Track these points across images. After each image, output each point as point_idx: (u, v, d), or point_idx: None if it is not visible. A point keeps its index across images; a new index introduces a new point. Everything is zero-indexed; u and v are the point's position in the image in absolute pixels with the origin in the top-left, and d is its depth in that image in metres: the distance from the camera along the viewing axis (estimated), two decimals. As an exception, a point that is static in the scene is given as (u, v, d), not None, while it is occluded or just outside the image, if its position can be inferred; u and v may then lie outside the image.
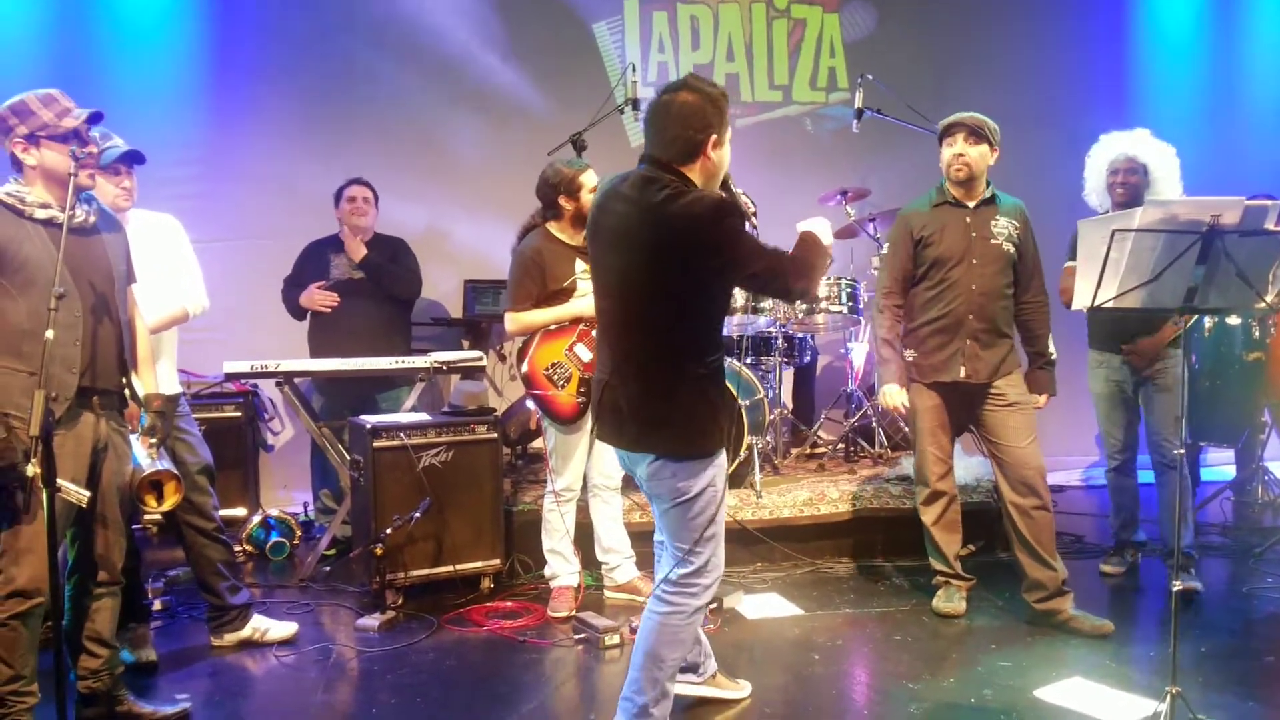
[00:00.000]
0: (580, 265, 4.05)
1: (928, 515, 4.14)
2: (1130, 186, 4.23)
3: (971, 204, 3.98)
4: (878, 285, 4.16)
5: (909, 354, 4.06)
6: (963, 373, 3.95)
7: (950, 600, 4.11)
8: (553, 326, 4.09)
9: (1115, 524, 4.64)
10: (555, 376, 4.05)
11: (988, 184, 4.00)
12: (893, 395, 4.03)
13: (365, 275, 5.09)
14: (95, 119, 2.91)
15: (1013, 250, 3.96)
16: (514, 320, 4.11)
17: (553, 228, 4.15)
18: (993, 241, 3.94)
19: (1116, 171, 4.26)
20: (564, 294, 4.10)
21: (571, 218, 4.08)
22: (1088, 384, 4.54)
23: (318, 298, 5.07)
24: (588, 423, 3.70)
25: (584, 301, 4.03)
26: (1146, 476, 4.48)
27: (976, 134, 3.87)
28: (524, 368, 4.12)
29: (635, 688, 2.80)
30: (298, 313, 5.20)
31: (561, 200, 4.08)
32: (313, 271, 5.16)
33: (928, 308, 3.99)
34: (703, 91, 2.68)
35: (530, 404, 4.39)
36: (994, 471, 4.07)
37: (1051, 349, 4.11)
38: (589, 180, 4.08)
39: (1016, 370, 4.03)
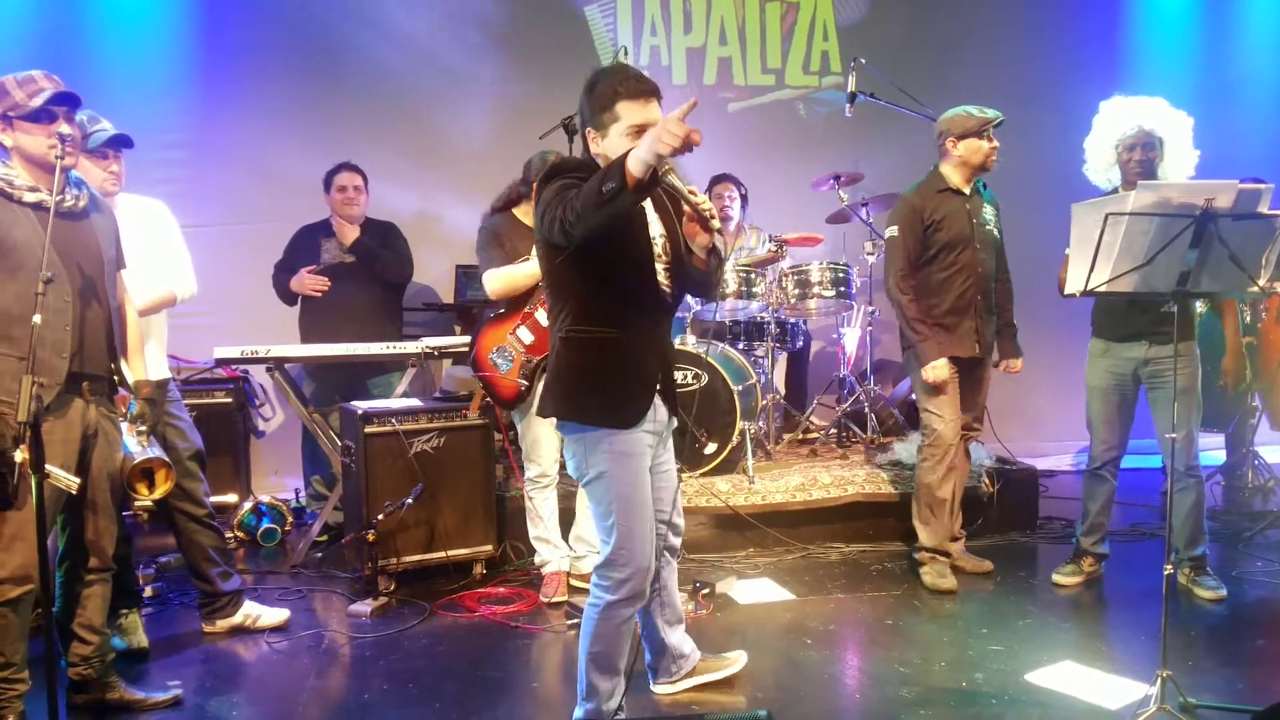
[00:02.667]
0: None
1: (933, 475, 4.18)
2: (1148, 164, 3.94)
3: (967, 191, 4.18)
4: (891, 270, 4.16)
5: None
6: (976, 349, 4.18)
7: (943, 575, 4.16)
8: (501, 311, 4.09)
9: (1081, 530, 4.28)
10: (499, 359, 4.06)
11: None
12: (940, 368, 4.09)
13: (356, 259, 5.06)
14: (63, 99, 2.83)
15: (999, 235, 4.27)
16: (492, 277, 4.02)
17: (518, 211, 4.14)
18: (987, 227, 4.21)
19: (1134, 148, 3.95)
20: None
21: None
22: (1085, 374, 4.20)
23: (308, 282, 5.03)
24: None
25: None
26: (1126, 476, 4.35)
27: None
28: (472, 351, 4.13)
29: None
30: (288, 297, 5.16)
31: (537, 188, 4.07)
32: (304, 256, 5.12)
33: (943, 289, 4.14)
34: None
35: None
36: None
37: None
38: None
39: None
